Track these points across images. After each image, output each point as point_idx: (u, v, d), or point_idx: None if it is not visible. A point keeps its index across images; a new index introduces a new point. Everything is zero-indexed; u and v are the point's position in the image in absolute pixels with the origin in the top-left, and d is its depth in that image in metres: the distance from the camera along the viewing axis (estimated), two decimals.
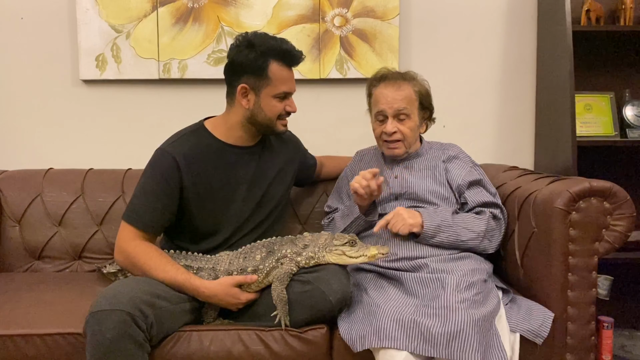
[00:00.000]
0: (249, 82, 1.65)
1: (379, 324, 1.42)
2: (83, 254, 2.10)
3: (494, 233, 1.74)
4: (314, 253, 1.56)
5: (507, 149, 2.41)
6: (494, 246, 1.74)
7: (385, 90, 1.82)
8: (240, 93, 1.66)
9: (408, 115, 1.81)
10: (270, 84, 1.65)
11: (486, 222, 1.72)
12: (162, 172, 1.62)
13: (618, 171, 2.31)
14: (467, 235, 1.69)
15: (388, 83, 1.83)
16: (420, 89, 1.85)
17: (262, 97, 1.66)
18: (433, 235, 1.67)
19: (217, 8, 2.29)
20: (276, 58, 1.65)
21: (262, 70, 1.64)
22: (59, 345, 1.49)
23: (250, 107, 1.67)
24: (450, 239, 1.68)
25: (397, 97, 1.80)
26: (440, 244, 1.68)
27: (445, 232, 1.67)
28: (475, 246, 1.70)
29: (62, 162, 2.29)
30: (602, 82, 2.35)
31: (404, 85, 1.82)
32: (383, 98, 1.82)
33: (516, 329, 1.51)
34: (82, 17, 2.27)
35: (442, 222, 1.68)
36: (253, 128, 1.72)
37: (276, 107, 1.68)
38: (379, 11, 2.30)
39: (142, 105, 2.36)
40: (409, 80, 1.85)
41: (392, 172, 1.87)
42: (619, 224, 1.56)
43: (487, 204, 1.77)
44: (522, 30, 2.37)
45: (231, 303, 1.55)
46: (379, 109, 1.82)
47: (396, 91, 1.81)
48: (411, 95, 1.82)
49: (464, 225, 1.70)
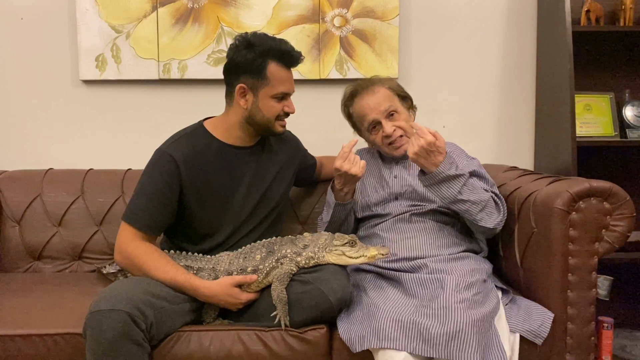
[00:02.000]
0: (247, 82, 1.65)
1: (378, 325, 1.42)
2: (83, 255, 2.09)
3: (492, 211, 1.67)
4: (314, 253, 1.56)
5: (506, 149, 2.41)
6: (492, 223, 1.66)
7: (363, 100, 1.84)
8: (238, 93, 1.66)
9: (396, 111, 1.83)
10: (268, 84, 1.65)
11: (489, 196, 1.68)
12: (161, 173, 1.62)
13: (618, 171, 2.31)
14: (468, 194, 1.62)
15: (362, 94, 1.86)
16: (390, 85, 1.88)
17: (261, 98, 1.66)
18: (439, 181, 1.60)
19: (217, 8, 2.29)
20: (275, 58, 1.65)
21: (261, 70, 1.64)
22: (59, 346, 1.49)
23: (249, 107, 1.67)
24: (450, 192, 1.61)
25: (379, 100, 1.82)
26: (438, 191, 1.62)
27: (451, 183, 1.60)
28: (472, 212, 1.63)
29: (62, 162, 2.29)
30: (602, 82, 2.35)
31: (376, 87, 1.85)
32: (367, 108, 1.83)
33: (516, 329, 1.51)
34: (82, 17, 2.27)
35: (456, 175, 1.60)
36: (251, 128, 1.71)
37: (274, 107, 1.68)
38: (379, 11, 2.30)
39: (142, 105, 2.36)
40: (377, 82, 1.88)
41: (391, 172, 1.88)
42: (619, 224, 1.56)
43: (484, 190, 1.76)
44: (522, 31, 2.37)
45: (231, 303, 1.55)
46: (369, 119, 1.83)
47: (374, 95, 1.83)
48: (387, 93, 1.84)
49: (470, 186, 1.64)
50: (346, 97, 1.91)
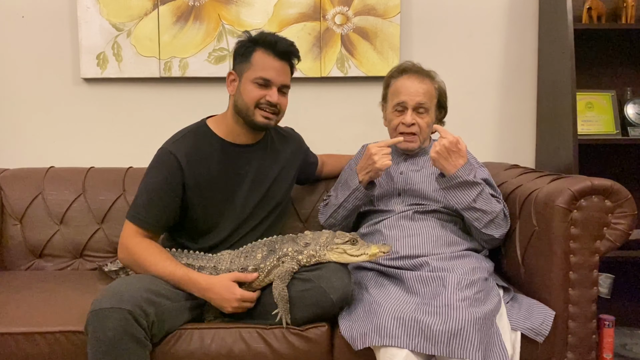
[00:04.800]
0: (236, 68, 1.68)
1: (379, 322, 1.42)
2: (84, 252, 2.10)
3: (501, 223, 1.71)
4: (315, 251, 1.56)
5: (508, 147, 2.41)
6: (499, 233, 1.70)
7: (408, 81, 1.83)
8: (229, 80, 1.69)
9: (427, 110, 1.82)
10: (250, 68, 1.65)
11: (501, 208, 1.70)
12: (164, 172, 1.63)
13: (619, 169, 2.31)
14: (481, 203, 1.65)
15: (411, 75, 1.84)
16: (439, 87, 1.87)
17: (243, 82, 1.67)
18: (456, 185, 1.64)
19: (217, 6, 2.28)
20: (263, 46, 1.66)
21: (247, 55, 1.66)
22: (61, 343, 1.49)
23: (234, 92, 1.69)
24: (465, 199, 1.65)
25: (420, 90, 1.81)
26: (454, 196, 1.66)
27: (468, 190, 1.64)
28: (482, 220, 1.67)
29: (63, 160, 2.29)
30: (604, 80, 2.35)
31: (426, 80, 1.84)
32: (405, 89, 1.82)
33: (517, 327, 1.51)
34: (83, 15, 2.27)
35: (474, 182, 1.65)
36: (241, 120, 1.70)
37: (252, 92, 1.65)
38: (380, 9, 2.30)
39: (143, 103, 2.36)
40: (431, 77, 1.87)
41: (397, 168, 1.87)
42: (620, 222, 1.56)
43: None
44: (524, 28, 2.37)
45: (225, 297, 1.51)
46: (400, 99, 1.82)
47: (419, 84, 1.82)
48: (432, 91, 1.84)
49: (485, 196, 1.67)
50: (398, 69, 1.90)
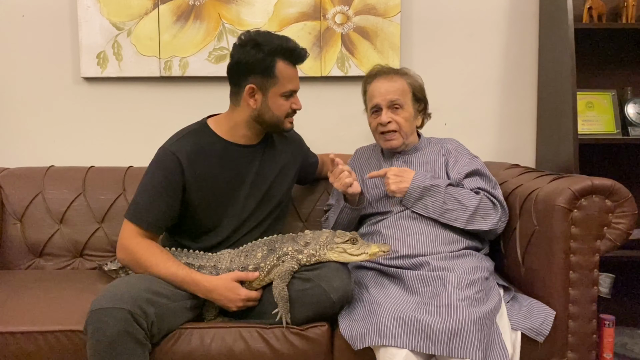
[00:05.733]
0: (257, 81, 1.65)
1: (379, 322, 1.42)
2: (84, 252, 2.10)
3: (489, 212, 1.71)
4: (315, 251, 1.56)
5: (508, 147, 2.41)
6: (489, 225, 1.70)
7: (378, 83, 1.88)
8: (247, 93, 1.66)
9: (401, 106, 1.84)
10: (277, 82, 1.65)
11: (479, 199, 1.71)
12: (164, 171, 1.63)
13: (620, 169, 2.31)
14: (454, 205, 1.68)
15: (380, 78, 1.89)
16: (412, 82, 1.89)
17: (270, 97, 1.66)
18: (418, 197, 1.70)
19: (218, 5, 2.28)
20: (282, 57, 1.65)
21: (270, 69, 1.64)
22: (60, 343, 1.49)
23: (258, 106, 1.67)
24: (436, 205, 1.69)
25: (390, 89, 1.85)
26: (425, 208, 1.70)
27: (432, 196, 1.69)
28: (463, 219, 1.68)
29: (63, 159, 2.29)
30: (604, 79, 2.34)
31: (396, 77, 1.87)
32: (377, 92, 1.87)
33: (517, 326, 1.51)
34: (83, 14, 2.27)
35: (432, 186, 1.70)
36: (259, 127, 1.72)
37: (284, 105, 1.69)
38: (381, 9, 2.29)
39: (143, 103, 2.36)
40: (401, 74, 1.90)
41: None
42: (620, 221, 1.56)
43: (482, 189, 1.76)
44: (524, 28, 2.37)
45: (230, 299, 1.53)
46: (374, 103, 1.87)
47: (389, 83, 1.86)
48: (404, 87, 1.86)
49: (455, 194, 1.70)
50: (370, 74, 1.94)
